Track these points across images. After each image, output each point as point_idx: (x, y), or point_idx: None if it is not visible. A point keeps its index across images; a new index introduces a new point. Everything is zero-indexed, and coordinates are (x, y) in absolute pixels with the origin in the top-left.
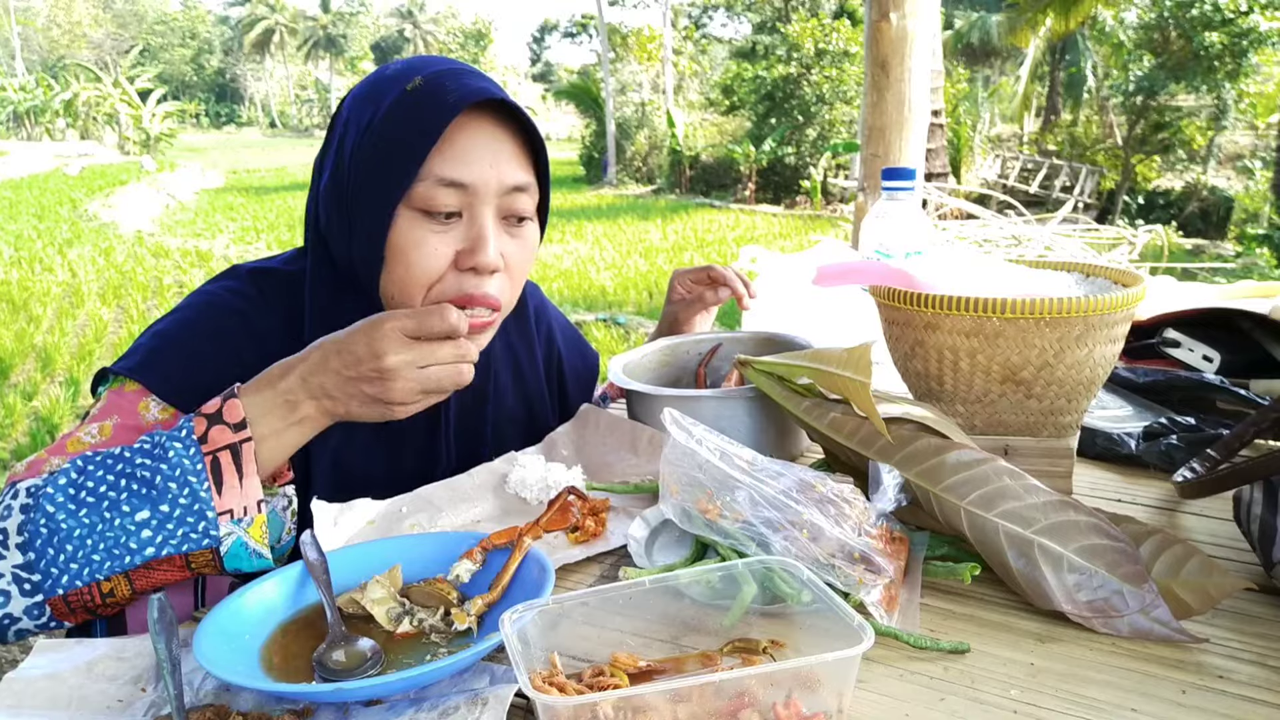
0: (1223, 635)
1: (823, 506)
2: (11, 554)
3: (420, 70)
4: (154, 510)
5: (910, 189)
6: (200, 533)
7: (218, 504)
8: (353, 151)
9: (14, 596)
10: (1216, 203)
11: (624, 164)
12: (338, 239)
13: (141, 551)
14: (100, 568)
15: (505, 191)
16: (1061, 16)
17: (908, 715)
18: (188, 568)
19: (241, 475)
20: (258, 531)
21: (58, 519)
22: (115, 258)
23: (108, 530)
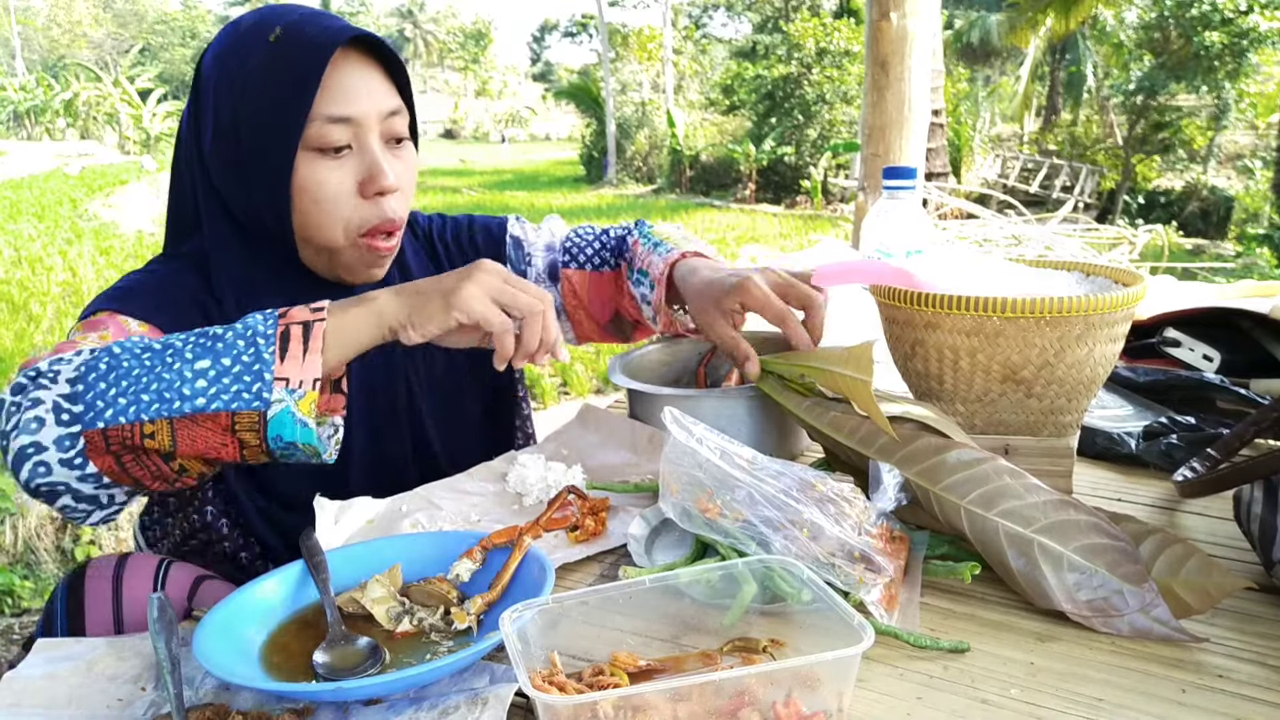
0: (1223, 634)
1: (823, 505)
2: (59, 385)
3: (275, 20)
4: (215, 361)
5: (911, 188)
6: (253, 393)
7: (278, 369)
8: (234, 110)
9: (47, 424)
10: (1216, 203)
11: (624, 164)
12: (238, 197)
13: (192, 400)
14: (147, 407)
15: (384, 117)
16: (1061, 16)
17: (907, 714)
18: (231, 430)
19: (306, 349)
20: (307, 406)
21: (121, 358)
22: (115, 258)
23: (165, 372)
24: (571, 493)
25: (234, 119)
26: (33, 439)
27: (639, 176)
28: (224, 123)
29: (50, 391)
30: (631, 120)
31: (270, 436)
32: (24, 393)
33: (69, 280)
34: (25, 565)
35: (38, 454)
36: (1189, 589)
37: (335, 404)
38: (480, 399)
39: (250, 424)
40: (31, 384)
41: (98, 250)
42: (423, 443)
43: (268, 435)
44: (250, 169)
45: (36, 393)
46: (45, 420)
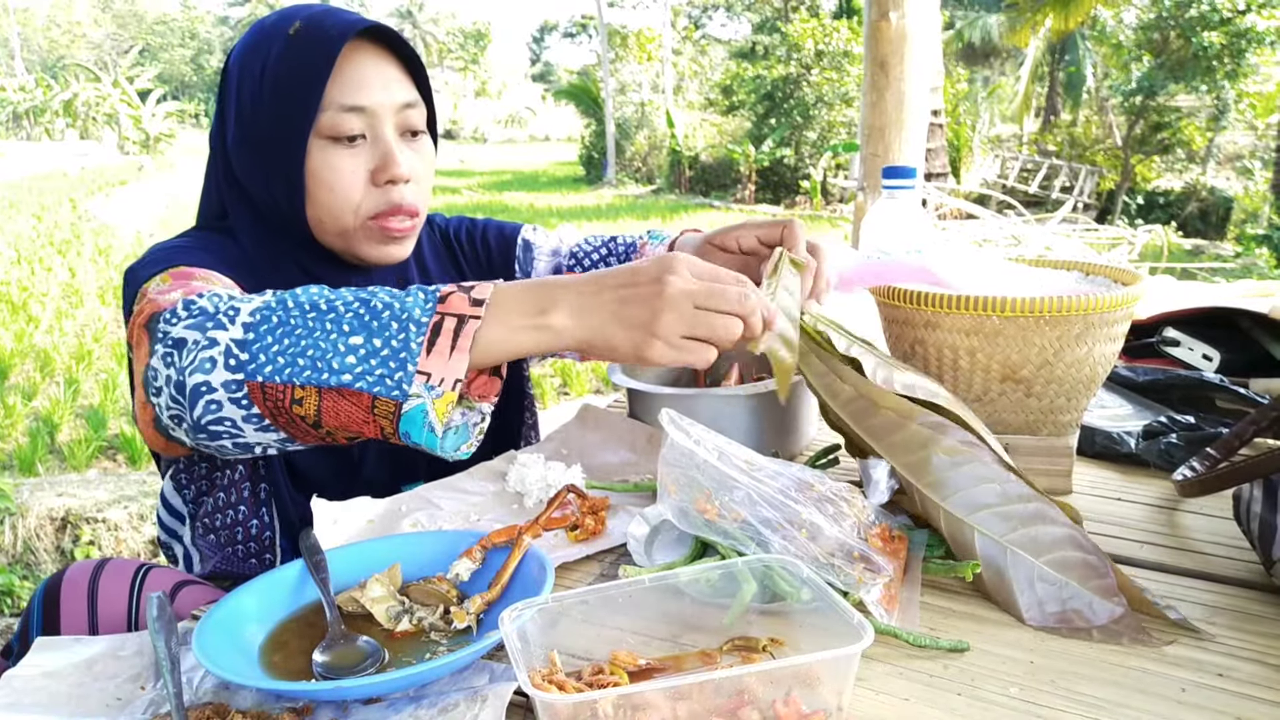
0: (1223, 633)
1: (821, 505)
2: (234, 328)
3: (295, 16)
4: (367, 339)
5: (910, 187)
6: (394, 381)
7: (421, 361)
8: (253, 99)
9: (219, 367)
10: (1216, 203)
11: (624, 164)
12: (257, 183)
13: (339, 375)
14: (299, 373)
15: (399, 109)
16: (1061, 16)
17: (907, 713)
18: (371, 411)
19: (454, 347)
20: (442, 408)
21: (292, 313)
22: (115, 258)
23: (322, 340)
24: (571, 492)
25: (254, 108)
26: (205, 378)
27: (638, 177)
28: (245, 113)
29: (225, 333)
30: (631, 121)
31: (400, 431)
32: (201, 330)
33: (69, 280)
34: (25, 565)
35: (209, 393)
36: None
37: (490, 388)
38: None
39: (387, 411)
40: (211, 320)
41: (97, 250)
42: None
43: (399, 428)
44: (268, 156)
45: (214, 332)
46: (217, 362)
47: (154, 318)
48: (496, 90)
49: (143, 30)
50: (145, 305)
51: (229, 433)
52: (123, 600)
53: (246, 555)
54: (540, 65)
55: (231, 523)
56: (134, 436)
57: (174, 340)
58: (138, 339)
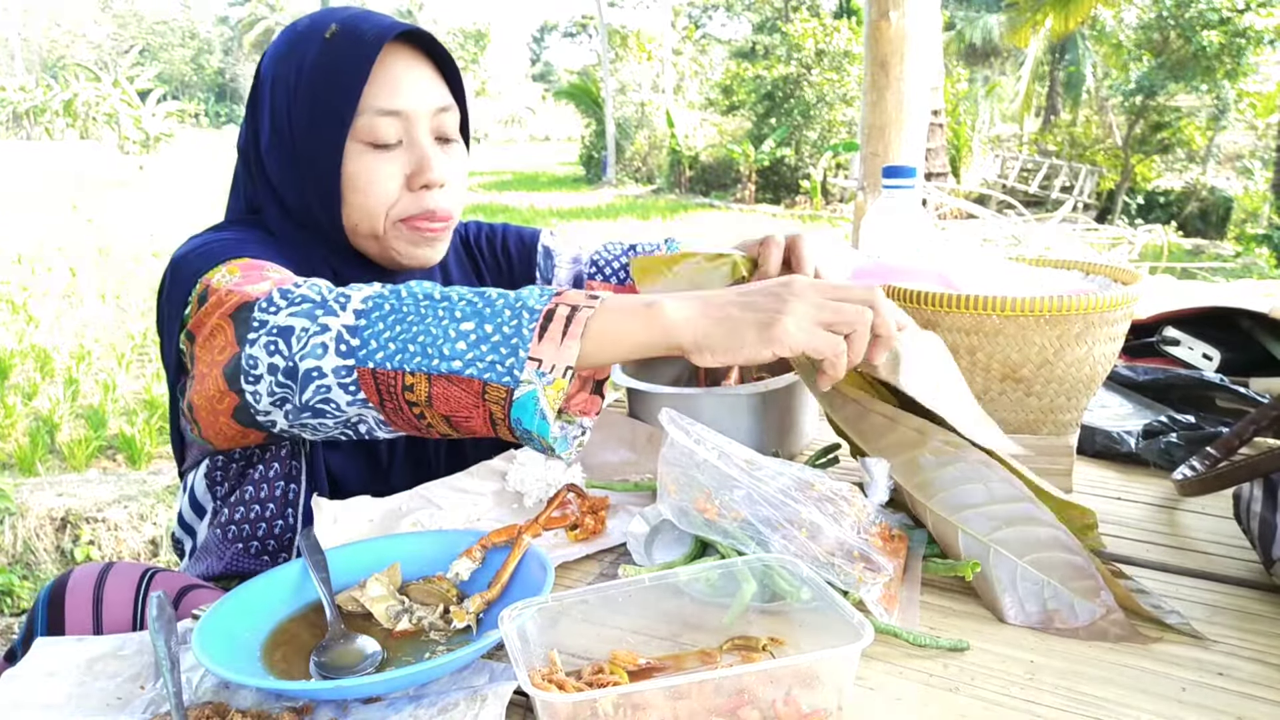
0: (1223, 633)
1: (821, 505)
2: (345, 315)
3: (331, 19)
4: (479, 325)
5: (910, 186)
6: (505, 368)
7: (533, 347)
8: (289, 105)
9: (330, 353)
10: (1216, 203)
11: (624, 164)
12: (291, 188)
13: (449, 361)
14: (410, 359)
15: (434, 113)
16: (1061, 16)
17: (907, 713)
18: (482, 396)
19: (566, 334)
20: (555, 394)
21: (405, 301)
22: (115, 257)
23: (434, 326)
24: (571, 491)
25: (289, 113)
26: (316, 364)
27: (639, 177)
28: (280, 118)
29: (338, 319)
30: (631, 121)
31: (512, 417)
32: (311, 318)
33: (69, 280)
34: (24, 565)
35: (320, 378)
36: None
37: (591, 405)
38: None
39: (499, 397)
40: (323, 307)
41: (97, 250)
42: (456, 442)
43: (510, 414)
44: (302, 161)
45: (325, 319)
46: (329, 347)
47: (245, 307)
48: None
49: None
50: (226, 296)
51: (333, 413)
52: (128, 605)
53: (261, 552)
54: (540, 65)
55: (255, 518)
56: (134, 436)
57: (278, 328)
58: (215, 330)
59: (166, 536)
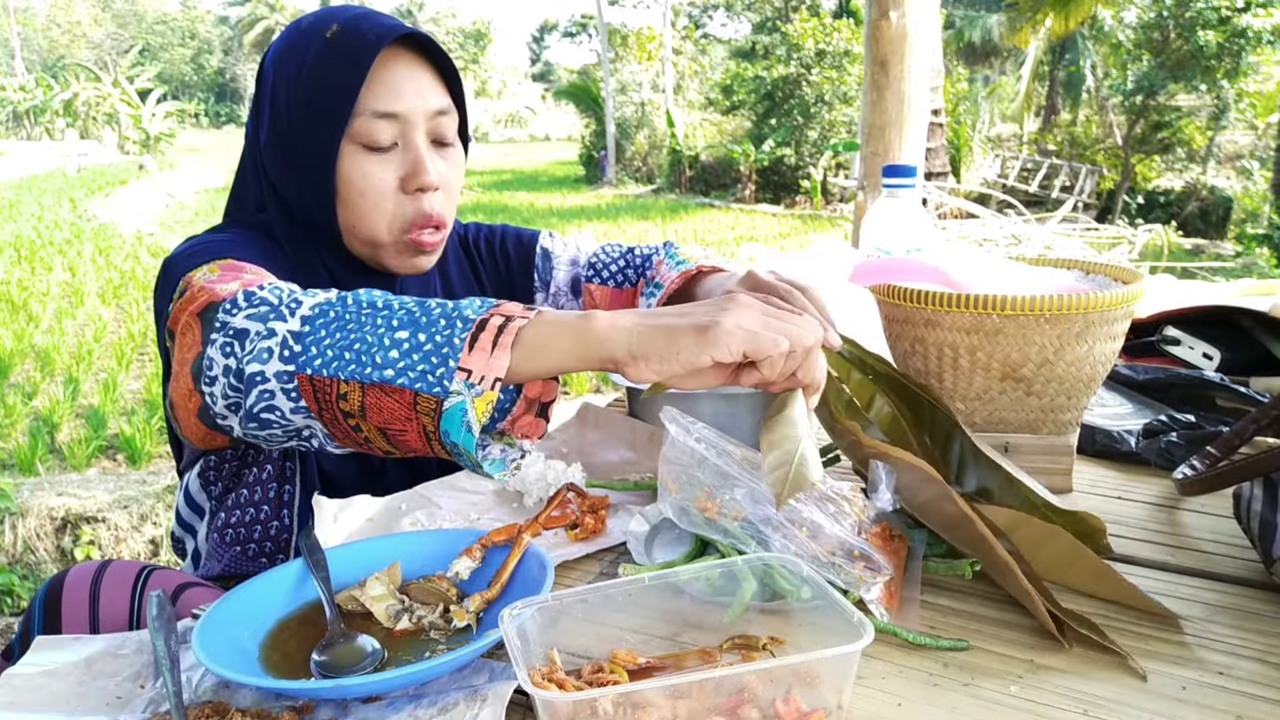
0: (1223, 632)
1: (822, 504)
2: (293, 320)
3: (333, 18)
4: (413, 334)
5: (910, 186)
6: (435, 378)
7: (463, 358)
8: (288, 102)
9: (274, 358)
10: (1216, 203)
11: (624, 164)
12: (289, 186)
13: (382, 370)
14: (345, 366)
15: (431, 116)
16: (1061, 16)
17: (907, 712)
18: (414, 408)
19: (496, 344)
20: (482, 406)
21: (349, 309)
22: (115, 258)
23: (370, 335)
24: (571, 490)
25: (289, 111)
26: (260, 368)
27: (639, 177)
28: (280, 116)
29: (284, 325)
30: (631, 120)
31: (441, 429)
32: (263, 320)
33: (68, 280)
34: (25, 565)
35: (263, 382)
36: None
37: (535, 429)
38: None
39: (429, 409)
40: (273, 312)
41: (97, 250)
42: None
43: (440, 426)
44: (300, 160)
45: (274, 323)
46: (273, 353)
47: (211, 307)
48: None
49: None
50: (198, 294)
51: (279, 422)
52: (124, 603)
53: (259, 554)
54: (540, 65)
55: (251, 520)
56: (134, 436)
57: (235, 330)
58: (185, 326)
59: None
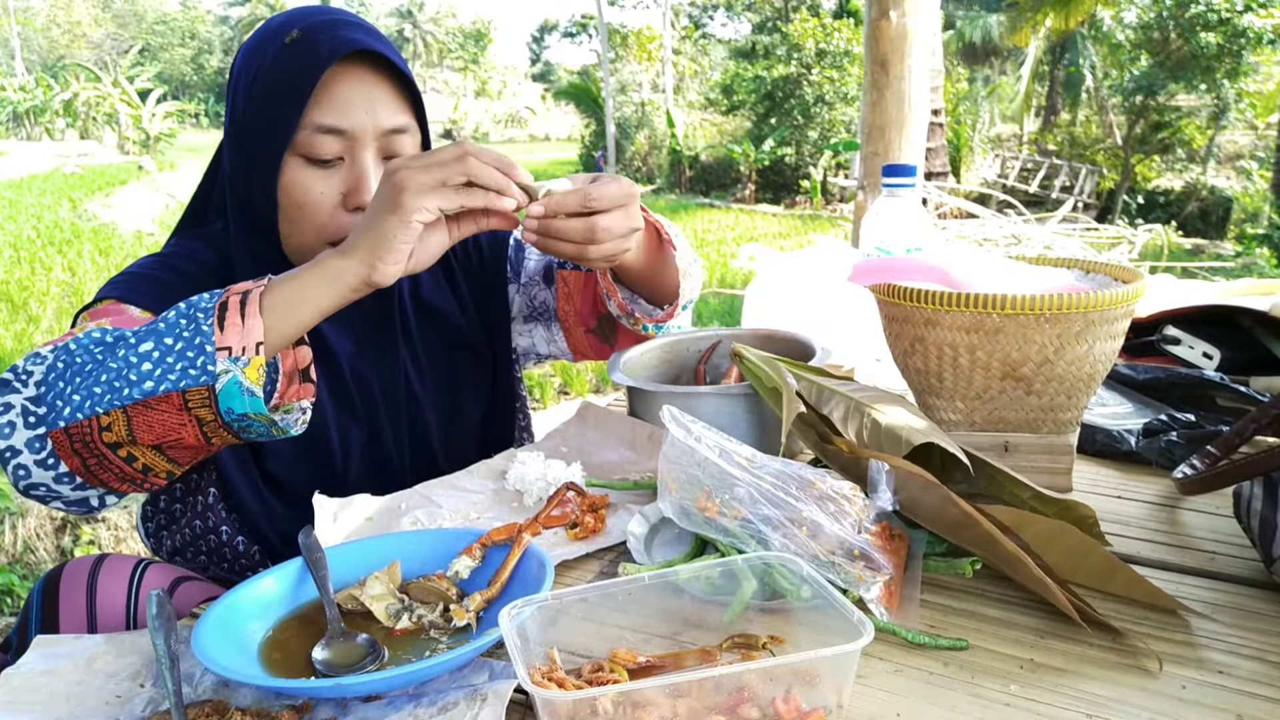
0: (1223, 630)
1: (822, 504)
2: (28, 389)
3: (299, 22)
4: (158, 343)
5: (910, 185)
6: (198, 368)
7: (218, 339)
8: (244, 104)
9: (18, 429)
10: (1216, 203)
11: (624, 164)
12: (241, 187)
13: (140, 384)
14: (100, 400)
15: (383, 134)
16: (1061, 16)
17: (907, 711)
18: (185, 408)
19: (244, 314)
20: (254, 372)
21: (75, 356)
22: (115, 258)
23: (113, 361)
24: (571, 489)
25: (244, 113)
26: (8, 443)
27: (639, 176)
28: (237, 116)
29: (20, 395)
30: (631, 120)
31: (222, 410)
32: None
33: (68, 280)
34: (25, 565)
35: (14, 457)
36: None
37: (304, 393)
38: (481, 401)
39: (202, 399)
40: (5, 387)
41: (97, 250)
42: (422, 444)
43: (220, 409)
44: (250, 163)
45: (8, 396)
46: (16, 425)
47: None
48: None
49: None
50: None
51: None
52: (121, 595)
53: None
54: (540, 65)
55: (218, 545)
56: None
57: None
58: None
59: None
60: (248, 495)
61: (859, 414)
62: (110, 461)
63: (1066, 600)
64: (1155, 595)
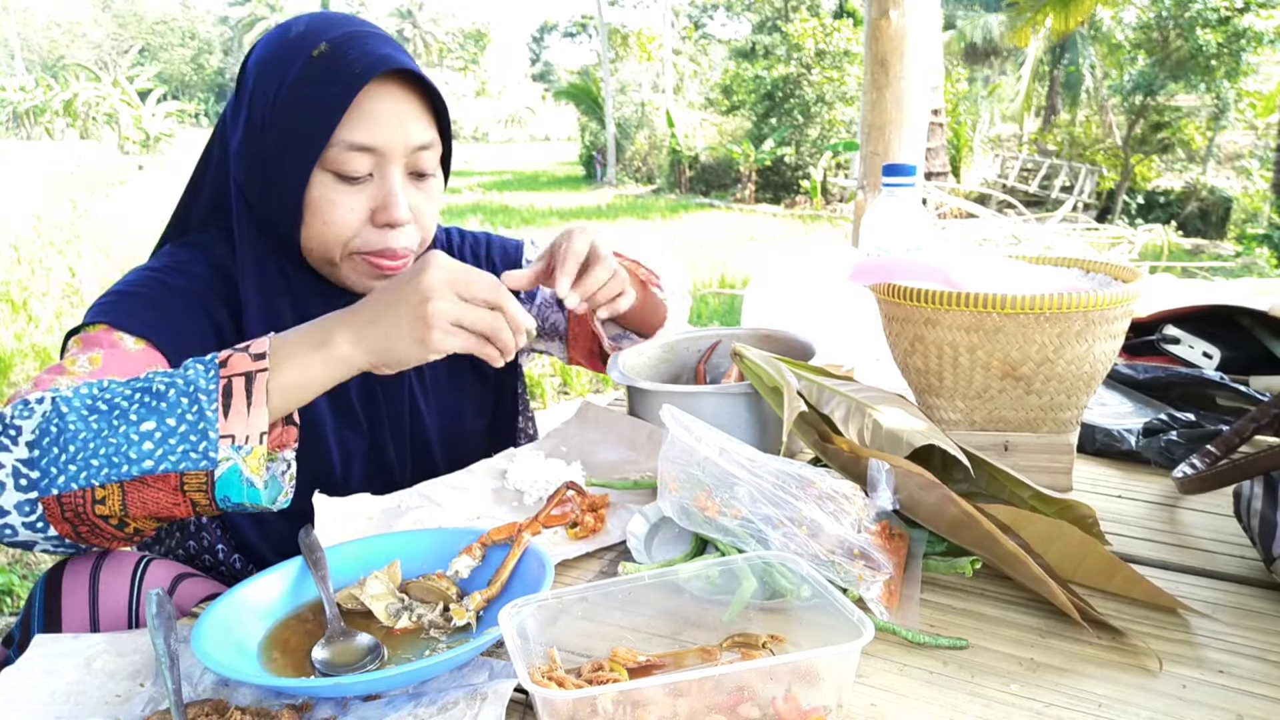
0: (1223, 630)
1: (822, 503)
2: (18, 449)
3: (323, 34)
4: (160, 422)
5: (910, 185)
6: (200, 453)
7: (222, 426)
8: (264, 116)
9: (8, 489)
10: (1216, 203)
11: (624, 164)
12: (257, 198)
13: (140, 463)
14: (97, 473)
15: (411, 150)
16: (1061, 16)
17: (907, 710)
18: (181, 489)
19: (250, 403)
20: (255, 463)
21: (69, 420)
22: (115, 258)
23: (111, 436)
24: (571, 488)
25: (264, 124)
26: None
27: (639, 177)
28: (255, 127)
29: (10, 454)
30: (631, 120)
31: (218, 497)
32: None
33: (69, 280)
34: (24, 565)
35: (2, 516)
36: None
37: (287, 438)
38: (484, 410)
39: (199, 484)
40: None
41: (97, 250)
42: (424, 457)
43: (215, 495)
44: (270, 175)
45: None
46: (6, 485)
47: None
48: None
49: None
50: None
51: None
52: (124, 591)
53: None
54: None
55: (214, 564)
56: None
57: None
58: None
59: None
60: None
61: (860, 414)
62: (101, 530)
63: (1067, 599)
64: (1155, 594)
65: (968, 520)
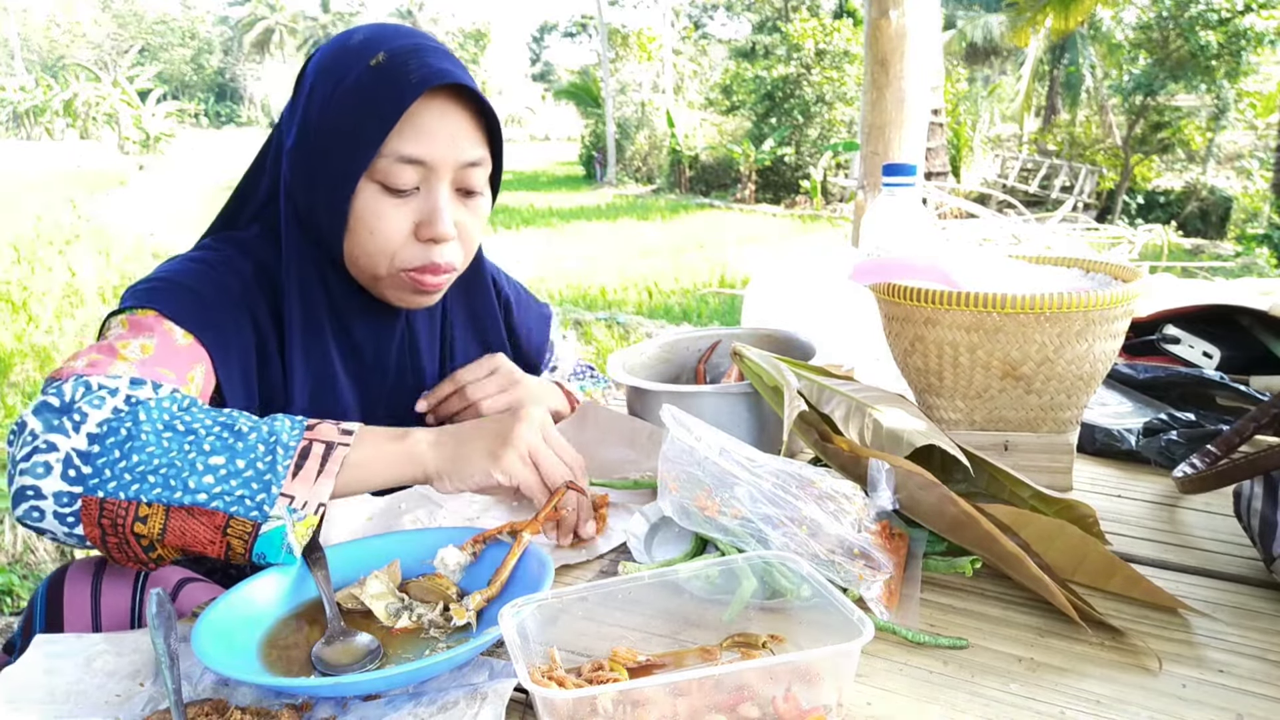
0: (1223, 629)
1: (822, 503)
2: (78, 437)
3: (381, 43)
4: (230, 460)
5: (910, 184)
6: (255, 503)
7: (287, 485)
8: (318, 121)
9: (54, 474)
10: (1216, 203)
11: (624, 164)
12: (303, 200)
13: (195, 493)
14: (149, 489)
15: (460, 166)
16: (1061, 16)
17: (907, 709)
18: (223, 531)
19: (321, 471)
20: (303, 530)
21: (143, 428)
22: (115, 258)
23: (179, 459)
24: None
25: (318, 128)
26: (35, 483)
27: (639, 177)
28: (308, 129)
29: (69, 440)
30: (631, 120)
31: (255, 551)
32: (49, 427)
33: (69, 280)
34: (24, 565)
35: (36, 499)
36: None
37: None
38: None
39: (242, 532)
40: (55, 420)
41: (97, 250)
42: None
43: (253, 549)
44: (318, 180)
45: (57, 436)
46: (53, 469)
47: (50, 381)
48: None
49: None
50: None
51: (48, 532)
52: (126, 595)
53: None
54: (540, 65)
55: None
56: None
57: (22, 421)
58: None
59: None
60: None
61: (860, 414)
62: (129, 546)
63: (1066, 599)
64: (1155, 594)
65: (968, 520)
